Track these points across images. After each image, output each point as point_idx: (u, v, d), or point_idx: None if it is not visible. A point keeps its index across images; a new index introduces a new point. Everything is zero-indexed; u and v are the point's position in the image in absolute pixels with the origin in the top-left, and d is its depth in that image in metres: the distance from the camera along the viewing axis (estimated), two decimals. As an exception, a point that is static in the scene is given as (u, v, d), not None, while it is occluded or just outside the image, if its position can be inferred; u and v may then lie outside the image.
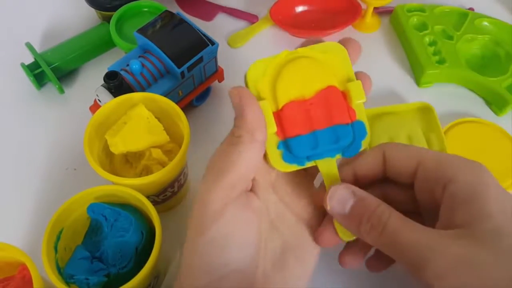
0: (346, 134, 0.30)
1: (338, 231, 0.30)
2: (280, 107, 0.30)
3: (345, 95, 0.30)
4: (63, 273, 0.35)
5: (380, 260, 0.34)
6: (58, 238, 0.36)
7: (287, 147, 0.30)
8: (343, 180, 0.31)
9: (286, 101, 0.30)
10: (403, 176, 0.30)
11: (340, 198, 0.29)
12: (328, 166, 0.30)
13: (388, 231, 0.26)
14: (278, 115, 0.30)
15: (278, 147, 0.30)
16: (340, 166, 0.31)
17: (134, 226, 0.35)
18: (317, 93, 0.30)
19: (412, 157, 0.29)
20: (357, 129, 0.30)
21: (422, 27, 0.56)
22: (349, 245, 0.33)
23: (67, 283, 0.34)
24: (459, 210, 0.26)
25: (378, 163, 0.31)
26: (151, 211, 0.35)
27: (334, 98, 0.30)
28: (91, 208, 0.37)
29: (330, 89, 0.30)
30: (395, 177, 0.31)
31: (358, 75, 0.31)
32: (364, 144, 0.31)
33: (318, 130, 0.30)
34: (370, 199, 0.28)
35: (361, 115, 0.31)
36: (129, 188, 0.36)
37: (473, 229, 0.25)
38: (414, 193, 0.30)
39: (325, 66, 0.30)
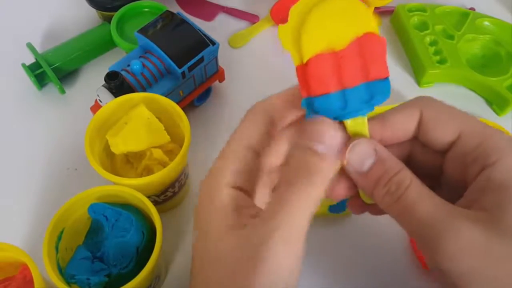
0: (382, 90, 0.25)
1: (361, 194, 0.27)
2: (304, 61, 0.25)
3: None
4: (64, 273, 0.35)
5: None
6: (59, 238, 0.36)
7: (311, 105, 0.25)
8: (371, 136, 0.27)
9: (312, 54, 0.24)
10: (436, 143, 0.27)
11: (361, 154, 0.25)
12: (357, 125, 0.26)
13: (404, 201, 0.24)
14: (303, 70, 0.25)
15: (302, 105, 0.25)
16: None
17: (135, 226, 0.35)
18: (351, 42, 0.24)
19: (454, 126, 0.26)
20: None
21: (423, 27, 0.56)
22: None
23: (68, 283, 0.34)
24: (490, 194, 0.24)
25: (412, 123, 0.27)
26: (152, 211, 0.35)
27: (372, 47, 0.25)
28: (92, 208, 0.37)
29: (367, 36, 0.25)
30: (426, 141, 0.27)
31: None
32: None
33: (349, 88, 0.25)
34: (392, 162, 0.25)
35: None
36: (130, 188, 0.36)
37: (498, 216, 0.23)
38: (442, 159, 0.27)
39: (362, 8, 0.25)
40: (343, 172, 0.26)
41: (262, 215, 0.24)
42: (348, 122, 0.26)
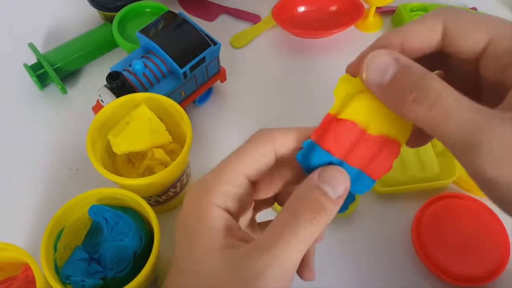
0: (363, 186, 0.26)
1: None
2: (340, 116, 0.26)
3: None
4: (61, 272, 0.35)
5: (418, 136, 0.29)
6: (58, 237, 0.36)
7: (310, 150, 0.26)
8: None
9: (350, 117, 0.26)
10: (466, 53, 0.25)
11: (380, 64, 0.23)
12: None
13: (437, 108, 0.22)
14: (331, 121, 0.26)
15: (304, 143, 0.26)
16: (386, 36, 0.26)
17: (133, 231, 0.35)
18: (381, 135, 0.26)
19: (482, 31, 0.24)
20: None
21: (425, 27, 0.56)
22: None
23: (63, 283, 0.34)
24: None
25: (435, 35, 0.25)
26: (151, 215, 0.35)
27: (390, 153, 0.26)
28: (93, 209, 0.37)
29: (395, 143, 0.26)
30: (455, 53, 0.25)
31: None
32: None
33: (347, 164, 0.26)
34: (418, 68, 0.23)
35: None
36: (130, 192, 0.36)
37: None
38: (475, 69, 0.26)
39: (410, 125, 0.26)
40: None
41: (259, 243, 0.24)
42: None
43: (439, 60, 0.27)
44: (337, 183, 0.24)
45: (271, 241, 0.23)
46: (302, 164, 0.26)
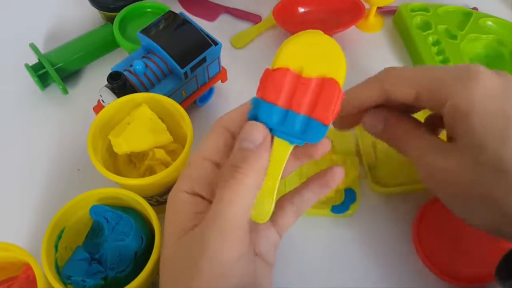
0: (317, 133, 0.27)
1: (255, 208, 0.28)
2: (274, 67, 0.28)
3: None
4: (62, 272, 0.35)
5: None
6: (59, 237, 0.36)
7: (257, 106, 0.28)
8: (343, 108, 0.29)
9: (282, 65, 0.28)
10: (404, 102, 0.33)
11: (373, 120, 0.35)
12: (281, 149, 0.28)
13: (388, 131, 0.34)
14: (268, 74, 0.29)
15: (251, 102, 0.29)
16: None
17: (134, 231, 0.35)
18: (316, 77, 0.27)
19: (410, 87, 0.32)
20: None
21: (426, 26, 0.56)
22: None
23: (64, 283, 0.34)
24: (453, 127, 0.31)
25: (377, 94, 0.33)
26: (152, 215, 0.35)
27: (329, 93, 0.27)
28: (93, 209, 0.37)
29: (331, 82, 0.27)
30: (394, 103, 0.34)
31: None
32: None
33: (293, 111, 0.27)
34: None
35: None
36: (131, 191, 0.36)
37: (458, 144, 0.30)
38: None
39: (343, 59, 0.28)
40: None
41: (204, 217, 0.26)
42: (276, 140, 0.28)
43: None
44: (252, 134, 0.27)
45: (210, 209, 0.25)
46: (252, 120, 0.28)
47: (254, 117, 0.28)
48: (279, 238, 0.31)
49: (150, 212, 0.35)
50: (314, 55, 0.27)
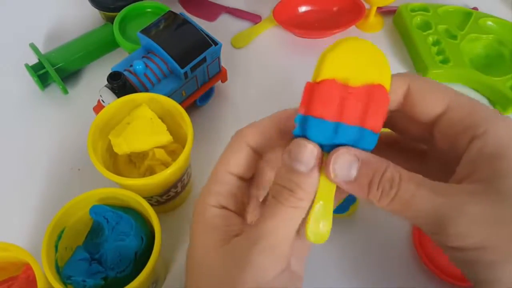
0: (369, 142, 0.26)
1: (308, 231, 0.27)
2: (318, 80, 0.26)
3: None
4: (62, 272, 0.35)
5: None
6: (59, 237, 0.36)
7: (304, 123, 0.26)
8: None
9: (327, 77, 0.25)
10: (424, 115, 0.27)
11: (344, 163, 0.26)
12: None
13: (401, 197, 0.24)
14: (312, 88, 0.26)
15: (295, 120, 0.26)
16: None
17: (134, 231, 0.35)
18: (364, 85, 0.26)
19: (442, 98, 0.27)
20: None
21: (426, 26, 0.56)
22: None
23: (64, 283, 0.34)
24: (483, 165, 0.24)
25: (398, 96, 0.27)
26: (152, 216, 0.35)
27: (379, 100, 0.26)
28: (94, 209, 0.37)
29: (379, 88, 0.26)
30: (414, 114, 0.28)
31: None
32: None
33: (344, 124, 0.26)
34: (377, 161, 0.25)
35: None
36: (131, 191, 0.36)
37: (496, 186, 0.24)
38: (429, 133, 0.28)
39: (387, 64, 0.26)
40: None
41: (246, 230, 0.26)
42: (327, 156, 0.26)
43: (395, 119, 0.29)
44: (306, 156, 0.25)
45: (258, 223, 0.25)
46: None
47: (302, 135, 0.26)
48: (307, 249, 0.30)
49: (150, 212, 0.35)
50: (357, 63, 0.26)
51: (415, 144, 0.31)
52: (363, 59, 0.26)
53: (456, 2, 0.61)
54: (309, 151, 0.25)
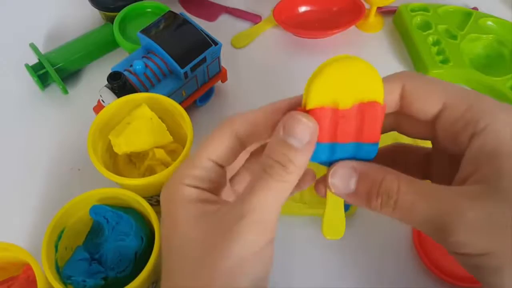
0: (368, 152, 0.27)
1: (324, 228, 0.28)
2: (307, 108, 0.26)
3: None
4: (62, 272, 0.35)
5: None
6: (59, 237, 0.36)
7: None
8: None
9: (315, 105, 0.25)
10: (422, 114, 0.27)
11: (342, 176, 0.26)
12: None
13: (401, 206, 0.24)
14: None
15: None
16: None
17: (134, 231, 0.35)
18: (355, 105, 0.26)
19: (438, 95, 0.26)
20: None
21: (426, 26, 0.56)
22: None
23: (64, 283, 0.34)
24: (483, 165, 0.24)
25: (394, 95, 0.27)
26: (152, 215, 0.35)
27: (372, 114, 0.26)
28: (94, 209, 0.37)
29: (372, 104, 0.25)
30: (411, 113, 0.27)
31: None
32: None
33: (339, 143, 0.26)
34: (374, 172, 0.26)
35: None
36: (131, 191, 0.36)
37: (495, 186, 0.23)
38: (432, 130, 0.27)
39: (376, 75, 0.26)
40: None
41: (238, 197, 0.25)
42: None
43: (398, 120, 0.29)
44: (301, 132, 0.25)
45: (251, 193, 0.25)
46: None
47: None
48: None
49: (150, 212, 0.35)
50: (345, 83, 0.25)
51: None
52: (350, 79, 0.25)
53: (456, 2, 0.61)
54: (304, 126, 0.25)
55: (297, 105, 0.26)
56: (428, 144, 0.30)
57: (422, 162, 0.31)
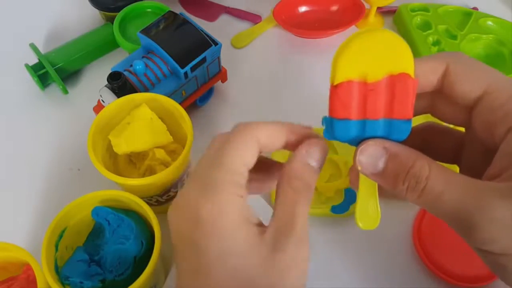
0: (401, 131, 0.25)
1: (358, 216, 0.28)
2: (335, 83, 0.25)
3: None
4: (61, 272, 0.35)
5: None
6: (60, 236, 0.36)
7: (330, 125, 0.26)
8: None
9: (343, 79, 0.25)
10: (462, 97, 0.25)
11: (371, 155, 0.25)
12: None
13: (428, 193, 0.23)
14: (332, 91, 0.25)
15: (321, 122, 0.26)
16: None
17: (135, 235, 0.35)
18: (385, 78, 0.25)
19: (482, 79, 0.25)
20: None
21: (426, 26, 0.56)
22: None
23: (62, 283, 0.34)
24: None
25: (436, 73, 0.26)
26: (152, 219, 0.35)
27: (403, 88, 0.25)
28: (96, 211, 0.37)
29: (402, 76, 0.25)
30: (452, 97, 0.26)
31: None
32: None
33: (369, 120, 0.25)
34: (405, 155, 0.24)
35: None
36: (132, 194, 0.36)
37: None
38: (468, 117, 0.26)
39: (405, 47, 0.25)
40: None
41: (280, 227, 0.25)
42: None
43: (434, 102, 0.28)
44: (320, 156, 0.26)
45: (289, 223, 0.25)
46: (331, 140, 0.26)
47: (330, 135, 0.26)
48: None
49: (151, 215, 0.35)
50: (373, 56, 0.25)
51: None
52: (379, 50, 0.25)
53: (456, 2, 0.61)
54: (323, 151, 0.27)
55: (312, 135, 0.27)
56: (462, 129, 0.29)
57: (453, 146, 0.29)
